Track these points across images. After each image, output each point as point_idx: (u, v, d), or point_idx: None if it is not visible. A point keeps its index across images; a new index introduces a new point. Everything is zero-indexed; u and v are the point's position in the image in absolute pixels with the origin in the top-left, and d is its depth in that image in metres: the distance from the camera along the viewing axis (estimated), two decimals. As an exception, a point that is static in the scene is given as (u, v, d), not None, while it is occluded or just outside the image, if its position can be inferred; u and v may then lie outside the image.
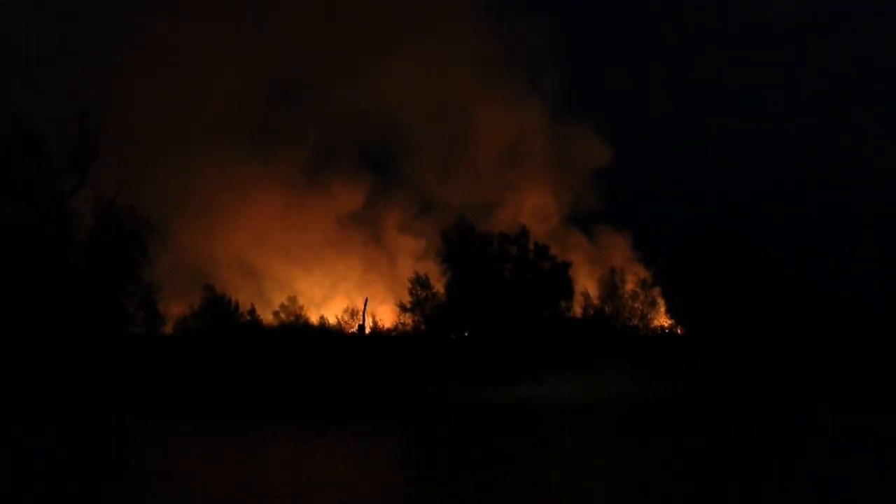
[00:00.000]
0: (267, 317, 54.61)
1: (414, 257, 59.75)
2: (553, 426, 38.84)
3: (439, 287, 53.10)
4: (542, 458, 28.25)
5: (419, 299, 52.79)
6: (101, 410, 42.47)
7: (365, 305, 54.53)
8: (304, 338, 51.52)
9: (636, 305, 54.63)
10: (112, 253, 49.08)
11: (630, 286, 55.05)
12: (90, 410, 42.26)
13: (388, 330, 53.57)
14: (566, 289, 52.89)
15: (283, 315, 54.46)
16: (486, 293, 52.12)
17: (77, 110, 48.49)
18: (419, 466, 26.56)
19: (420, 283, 53.00)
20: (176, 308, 52.65)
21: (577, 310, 53.78)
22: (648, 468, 25.48)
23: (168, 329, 52.39)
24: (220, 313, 53.27)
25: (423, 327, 52.66)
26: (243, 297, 54.97)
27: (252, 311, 53.98)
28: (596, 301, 54.29)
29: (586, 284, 55.20)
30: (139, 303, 51.02)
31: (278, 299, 55.52)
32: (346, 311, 54.92)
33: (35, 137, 47.69)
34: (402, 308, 52.99)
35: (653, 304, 54.98)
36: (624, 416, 41.84)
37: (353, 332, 53.83)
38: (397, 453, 30.98)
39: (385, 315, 54.95)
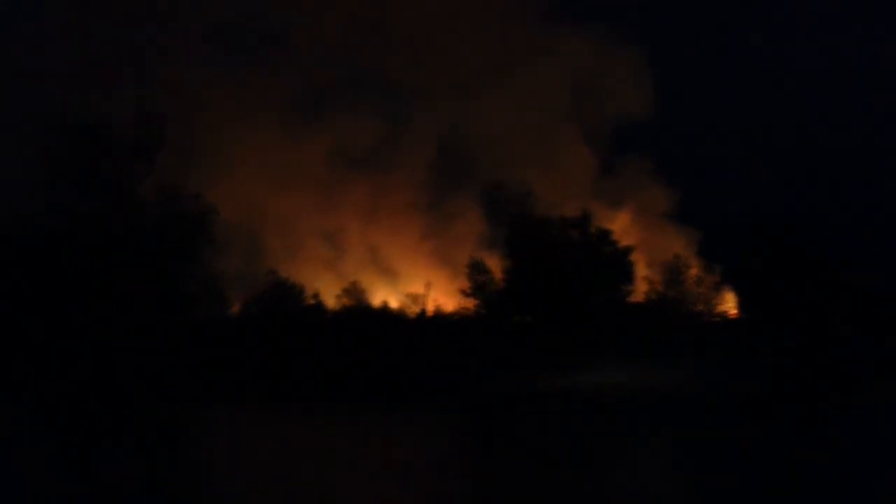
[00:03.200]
0: (330, 301, 55.24)
1: (475, 242, 59.65)
2: (614, 414, 38.31)
3: (499, 272, 52.91)
4: (604, 448, 27.93)
5: (479, 284, 52.68)
6: (168, 395, 43.53)
7: (427, 290, 54.72)
8: (366, 322, 51.96)
9: (700, 291, 53.57)
10: (178, 239, 50.31)
11: (694, 271, 54.01)
12: (159, 395, 43.35)
13: (450, 314, 53.61)
14: (627, 274, 52.20)
15: (345, 299, 54.99)
16: (547, 278, 51.73)
17: (144, 101, 49.77)
18: (487, 455, 26.44)
19: (478, 268, 52.88)
20: (240, 293, 53.74)
21: (639, 295, 53.00)
22: (722, 463, 24.78)
23: (233, 312, 53.51)
24: (283, 297, 54.10)
25: (483, 312, 52.50)
26: (307, 282, 55.79)
27: (316, 296, 54.69)
28: (658, 286, 53.40)
29: (647, 270, 54.34)
30: (204, 287, 52.20)
31: (341, 284, 56.10)
32: (407, 295, 55.24)
33: (104, 129, 49.13)
34: (464, 293, 52.94)
35: (718, 289, 53.87)
36: (688, 405, 41.05)
37: (414, 317, 54.07)
38: (463, 441, 30.92)
39: (446, 300, 55.04)
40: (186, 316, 49.56)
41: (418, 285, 56.13)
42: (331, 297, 55.52)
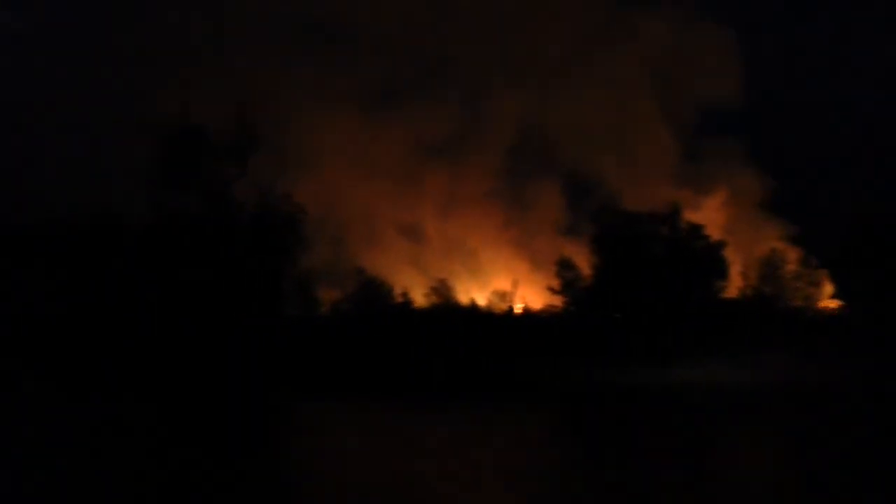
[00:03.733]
0: (418, 299, 55.62)
1: (561, 239, 59.20)
2: (710, 411, 37.44)
3: (587, 268, 52.36)
4: (698, 444, 27.32)
5: (567, 281, 52.23)
6: (264, 393, 44.47)
7: (513, 287, 54.57)
8: (454, 319, 52.13)
9: (799, 286, 51.84)
10: (270, 239, 51.39)
11: (791, 266, 52.30)
12: (255, 394, 44.33)
13: (538, 311, 53.36)
14: (720, 269, 50.93)
15: (433, 297, 55.28)
16: (637, 274, 50.94)
17: (237, 104, 51.04)
18: (582, 452, 26.19)
19: (566, 265, 52.43)
20: (330, 292, 54.62)
21: (734, 291, 51.64)
22: (821, 459, 23.96)
23: (324, 311, 54.37)
24: (373, 296, 54.74)
25: (572, 309, 52.05)
26: (396, 280, 56.31)
27: (404, 294, 55.14)
28: (754, 282, 51.90)
29: (743, 265, 52.87)
30: (296, 286, 53.17)
31: (430, 282, 56.43)
32: (495, 292, 55.21)
33: (200, 132, 50.61)
34: (552, 290, 52.57)
35: (817, 284, 52.04)
36: (783, 402, 39.86)
37: (502, 314, 53.99)
38: (556, 438, 30.68)
39: (534, 297, 54.80)
40: (280, 315, 50.51)
41: (499, 277, 56.04)
42: (417, 294, 55.92)
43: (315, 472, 21.07)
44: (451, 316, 52.85)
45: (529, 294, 54.83)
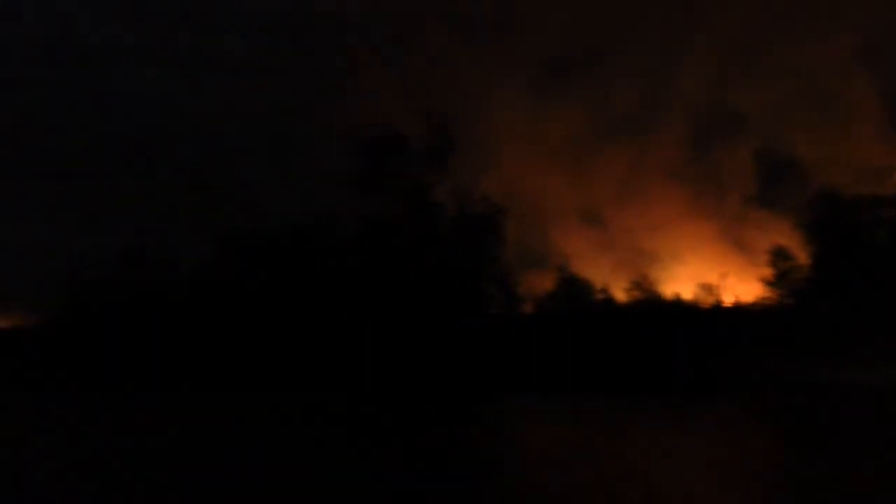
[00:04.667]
0: (619, 294, 54.54)
1: (771, 228, 56.04)
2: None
3: (802, 258, 49.27)
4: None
5: (782, 272, 49.34)
6: (468, 392, 45.07)
7: (722, 280, 52.29)
8: (658, 314, 50.65)
9: None
10: (471, 239, 52.06)
11: None
12: (460, 392, 45.01)
13: (749, 304, 50.79)
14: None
15: (635, 292, 53.98)
16: (859, 263, 47.34)
17: (435, 110, 52.25)
18: (808, 454, 24.63)
19: (780, 254, 49.51)
20: (533, 288, 54.58)
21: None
22: None
23: (526, 309, 54.42)
24: (573, 292, 54.20)
25: (788, 301, 49.14)
26: (596, 276, 55.52)
27: (605, 290, 54.23)
28: None
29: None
30: (497, 285, 53.52)
31: (630, 277, 55.20)
32: (700, 285, 53.14)
33: (400, 138, 52.09)
34: (765, 282, 49.87)
35: None
36: None
37: (710, 307, 51.85)
38: (778, 438, 29.04)
39: (744, 289, 52.22)
40: (483, 314, 51.06)
41: (694, 263, 53.80)
42: (620, 291, 54.81)
43: (544, 468, 20.96)
44: (655, 312, 51.38)
45: (742, 288, 52.25)
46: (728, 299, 52.04)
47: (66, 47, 70.01)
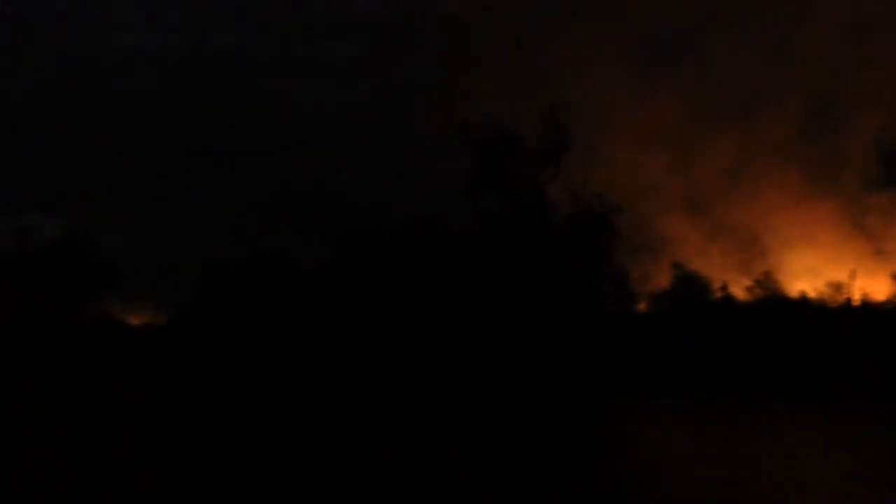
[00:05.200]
0: (740, 293, 53.03)
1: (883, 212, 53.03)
2: None
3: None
4: None
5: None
6: (582, 392, 44.79)
7: (851, 277, 49.99)
8: (781, 313, 48.98)
9: None
10: (585, 237, 51.71)
11: None
12: (572, 392, 44.78)
13: (883, 303, 48.42)
14: None
15: (757, 290, 52.37)
16: None
17: (549, 107, 51.96)
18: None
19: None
20: (648, 287, 53.75)
21: None
22: None
23: (641, 308, 53.67)
24: (690, 290, 53.07)
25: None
26: (711, 270, 54.14)
27: (724, 288, 52.86)
28: None
29: None
30: (611, 283, 53.01)
31: (752, 275, 53.55)
32: (828, 284, 51.04)
33: (514, 136, 52.18)
34: (897, 279, 47.53)
35: None
36: None
37: (838, 307, 49.73)
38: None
39: (876, 287, 49.79)
40: (598, 313, 50.65)
41: (840, 272, 51.46)
42: (740, 289, 53.28)
43: (663, 469, 20.69)
44: (775, 309, 49.72)
45: (874, 286, 49.82)
46: (856, 296, 49.81)
47: (181, 58, 73.05)
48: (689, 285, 53.30)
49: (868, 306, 49.02)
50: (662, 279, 54.43)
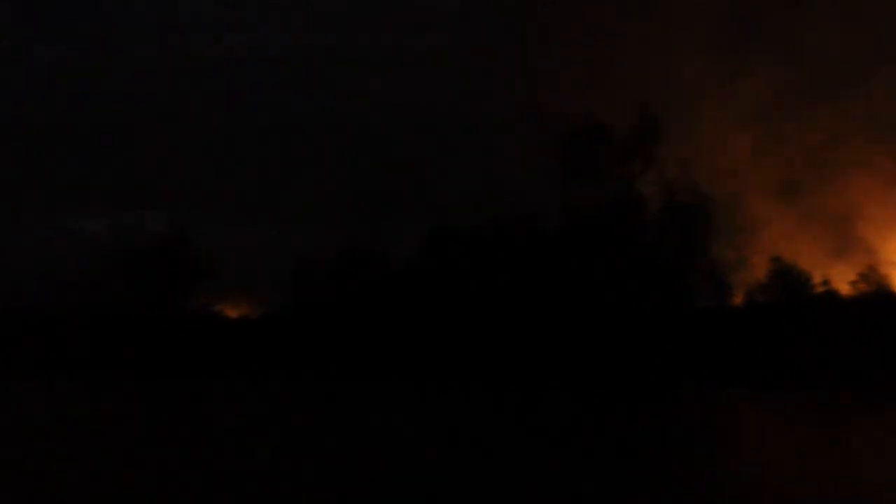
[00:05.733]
0: (843, 287, 50.98)
1: None
2: None
3: None
4: None
5: None
6: (675, 385, 43.95)
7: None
8: (889, 308, 46.88)
9: None
10: (678, 230, 50.57)
11: None
12: (666, 385, 44.00)
13: None
14: None
15: (862, 285, 50.23)
16: None
17: (639, 99, 51.23)
18: None
19: None
20: (744, 280, 52.20)
21: None
22: None
23: (736, 301, 52.16)
24: (790, 284, 51.32)
25: None
26: (809, 263, 52.25)
27: (825, 282, 50.93)
28: None
29: None
30: (706, 276, 51.68)
31: (856, 269, 51.40)
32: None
33: (604, 129, 51.49)
34: None
35: None
36: None
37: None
38: None
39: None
40: (690, 307, 49.56)
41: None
42: (843, 283, 51.18)
43: (763, 462, 20.17)
44: (882, 304, 47.61)
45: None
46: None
47: (274, 57, 74.83)
48: (787, 278, 51.48)
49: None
50: (758, 271, 52.74)
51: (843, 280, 51.59)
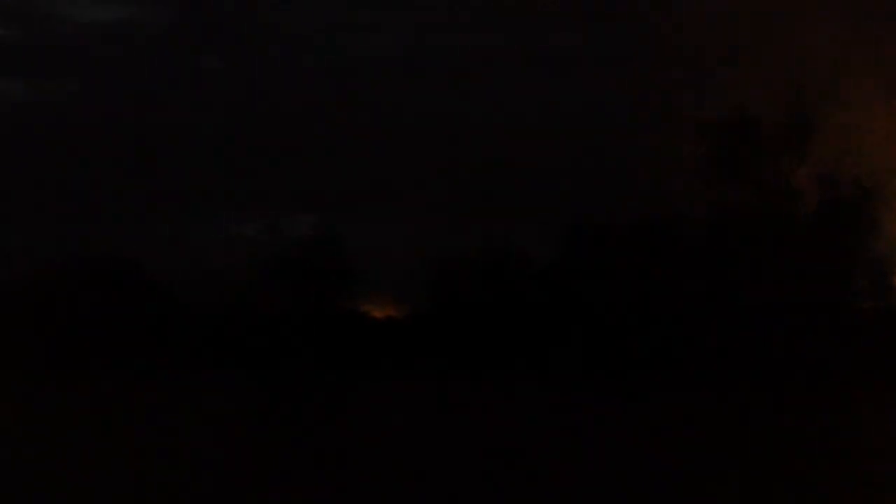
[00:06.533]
0: None
1: None
2: None
3: None
4: None
5: None
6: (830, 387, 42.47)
7: None
8: None
9: None
10: (837, 227, 48.44)
11: None
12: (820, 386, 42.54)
13: None
14: None
15: None
16: None
17: (792, 92, 49.18)
18: None
19: None
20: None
21: None
22: None
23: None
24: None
25: None
26: None
27: None
28: None
29: None
30: (868, 276, 49.36)
31: None
32: None
33: (755, 122, 49.78)
34: None
35: None
36: None
37: None
38: None
39: None
40: (853, 307, 47.45)
41: None
42: None
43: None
44: None
45: None
46: None
47: (407, 58, 75.98)
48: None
49: None
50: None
51: None
